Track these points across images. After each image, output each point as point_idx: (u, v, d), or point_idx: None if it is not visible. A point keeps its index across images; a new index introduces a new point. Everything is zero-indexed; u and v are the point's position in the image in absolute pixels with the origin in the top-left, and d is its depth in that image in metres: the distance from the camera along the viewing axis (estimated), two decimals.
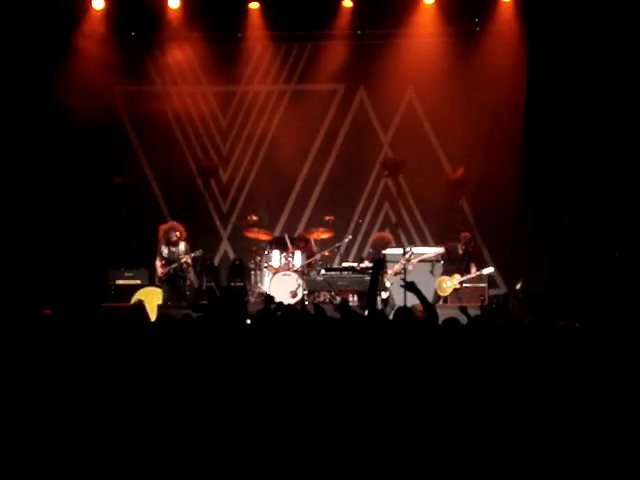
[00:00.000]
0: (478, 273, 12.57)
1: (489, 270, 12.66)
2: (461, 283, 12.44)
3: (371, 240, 13.46)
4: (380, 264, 6.13)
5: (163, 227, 12.75)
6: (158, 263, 12.60)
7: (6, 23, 13.27)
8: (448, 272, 12.64)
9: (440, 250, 12.97)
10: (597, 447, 4.03)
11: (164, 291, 12.47)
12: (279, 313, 5.87)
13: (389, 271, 12.31)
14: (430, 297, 11.64)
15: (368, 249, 13.75)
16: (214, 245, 14.86)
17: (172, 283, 12.54)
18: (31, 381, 4.61)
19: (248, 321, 5.51)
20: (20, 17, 13.34)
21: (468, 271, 12.67)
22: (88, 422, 4.31)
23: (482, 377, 4.44)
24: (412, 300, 11.86)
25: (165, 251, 12.57)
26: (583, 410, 4.21)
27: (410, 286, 5.90)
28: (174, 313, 6.86)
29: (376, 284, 5.78)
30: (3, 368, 4.76)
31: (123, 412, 4.34)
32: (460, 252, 12.81)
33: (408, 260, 12.31)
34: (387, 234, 13.62)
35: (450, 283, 12.44)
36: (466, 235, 12.95)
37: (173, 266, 12.44)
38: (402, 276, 11.86)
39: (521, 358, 4.70)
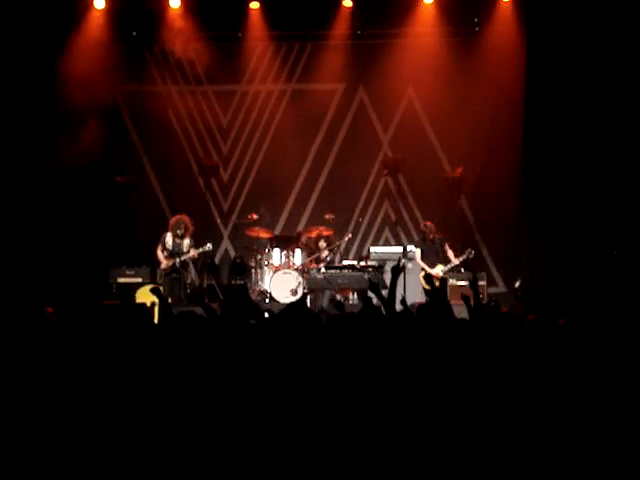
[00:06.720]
0: (460, 259, 12.64)
1: (470, 254, 12.68)
2: (446, 272, 12.55)
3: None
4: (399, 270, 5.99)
5: (175, 217, 12.81)
6: (160, 254, 12.64)
7: (7, 23, 13.33)
8: (430, 265, 12.71)
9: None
10: (597, 448, 4.05)
11: (164, 288, 12.46)
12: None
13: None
14: (419, 294, 11.69)
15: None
16: (215, 244, 14.90)
17: (174, 279, 12.58)
18: (32, 380, 4.62)
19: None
20: (21, 17, 13.38)
21: (447, 259, 12.77)
22: (89, 422, 4.32)
23: (478, 376, 4.47)
24: (411, 298, 11.98)
25: (169, 242, 12.61)
26: (581, 410, 4.23)
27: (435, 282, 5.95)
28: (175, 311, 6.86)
29: (395, 289, 5.72)
30: (4, 367, 4.77)
31: (125, 412, 4.35)
32: (430, 243, 12.92)
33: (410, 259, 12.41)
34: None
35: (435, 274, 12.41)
36: (427, 224, 13.06)
37: (179, 259, 12.50)
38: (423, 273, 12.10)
39: (520, 356, 4.71)
